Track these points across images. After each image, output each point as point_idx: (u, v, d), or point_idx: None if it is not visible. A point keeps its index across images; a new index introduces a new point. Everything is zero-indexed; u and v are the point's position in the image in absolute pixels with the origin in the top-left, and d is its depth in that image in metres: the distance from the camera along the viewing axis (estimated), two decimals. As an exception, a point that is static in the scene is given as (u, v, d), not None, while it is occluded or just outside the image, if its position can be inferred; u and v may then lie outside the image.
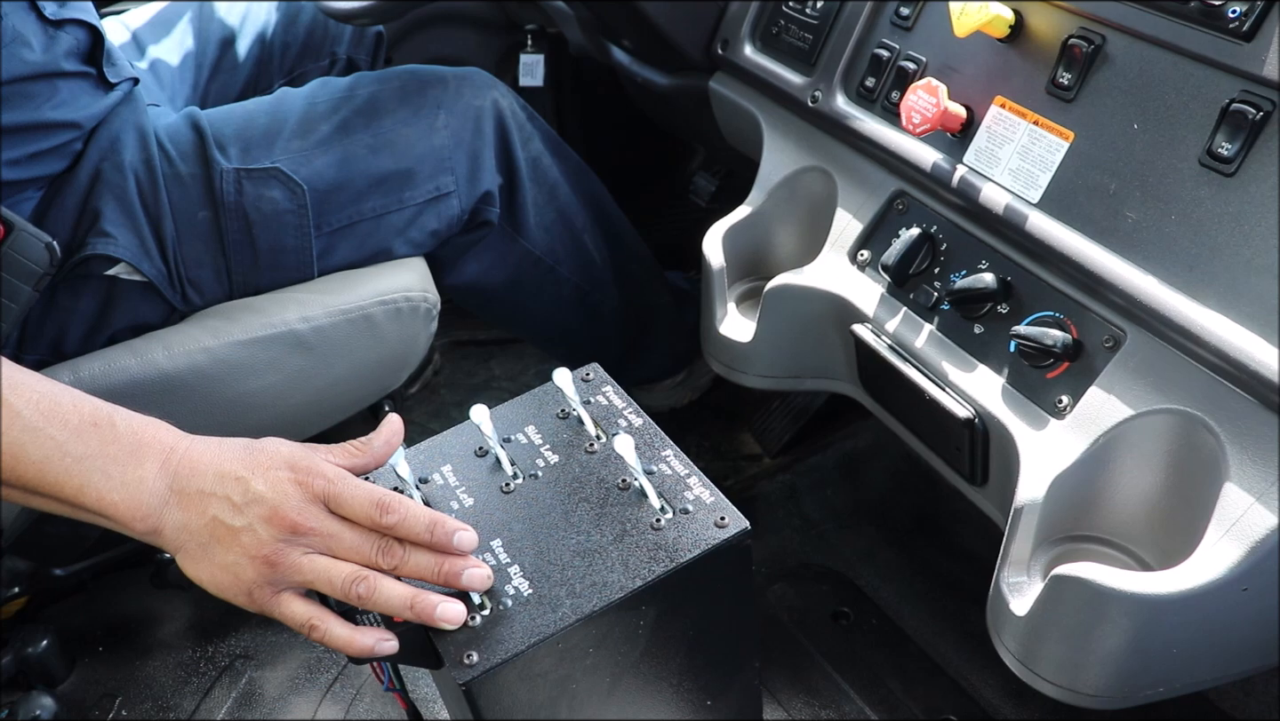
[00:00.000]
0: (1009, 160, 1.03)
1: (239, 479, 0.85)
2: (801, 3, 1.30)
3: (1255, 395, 0.83)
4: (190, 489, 0.85)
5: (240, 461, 0.86)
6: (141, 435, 0.87)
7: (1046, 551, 0.95)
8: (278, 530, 0.83)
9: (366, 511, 0.85)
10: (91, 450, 0.84)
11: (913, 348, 1.07)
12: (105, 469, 0.84)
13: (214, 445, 0.88)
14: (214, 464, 0.86)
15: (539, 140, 1.49)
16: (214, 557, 0.85)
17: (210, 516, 0.84)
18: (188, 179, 1.27)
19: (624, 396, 1.01)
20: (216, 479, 0.85)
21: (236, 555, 0.84)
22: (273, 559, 0.83)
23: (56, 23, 1.22)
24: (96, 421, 0.86)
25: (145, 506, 0.85)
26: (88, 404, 0.87)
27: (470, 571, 0.85)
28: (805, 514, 1.68)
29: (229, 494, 0.84)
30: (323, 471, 0.86)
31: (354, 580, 0.83)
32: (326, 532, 0.85)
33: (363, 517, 0.85)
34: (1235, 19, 0.87)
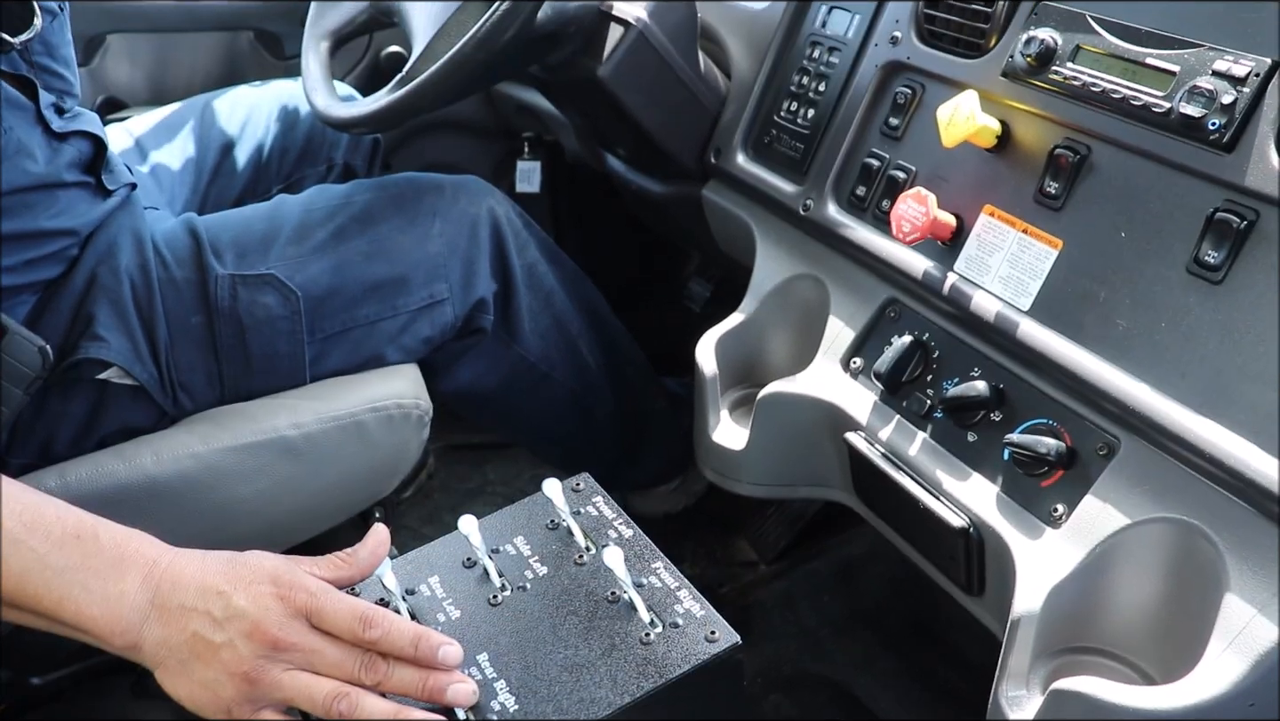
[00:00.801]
0: (999, 268, 1.04)
1: (220, 593, 0.83)
2: (793, 113, 1.33)
3: (1253, 504, 0.82)
4: (171, 604, 0.84)
5: (222, 575, 0.84)
6: (124, 548, 0.85)
7: (1046, 663, 0.93)
8: (258, 646, 0.81)
9: (349, 626, 0.83)
10: (73, 563, 0.83)
11: (906, 456, 1.07)
12: (86, 582, 0.83)
13: (197, 558, 0.87)
14: (196, 578, 0.85)
15: (535, 247, 1.50)
16: (193, 674, 0.83)
17: (191, 632, 0.83)
18: (182, 284, 1.28)
19: (614, 507, 1.00)
20: (198, 593, 0.84)
21: (216, 671, 0.82)
22: (252, 675, 0.81)
23: (62, 135, 1.24)
24: (79, 534, 0.85)
25: (124, 621, 0.83)
26: (71, 515, 0.86)
27: (455, 687, 0.83)
28: (802, 621, 1.66)
29: (210, 609, 0.83)
30: (305, 585, 0.84)
31: (336, 696, 0.81)
32: (308, 648, 0.83)
33: (345, 632, 0.83)
34: (1215, 130, 0.88)
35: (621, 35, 1.34)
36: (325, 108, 1.38)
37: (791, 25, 1.36)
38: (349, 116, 1.34)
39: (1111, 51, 0.98)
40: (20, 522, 0.83)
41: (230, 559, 0.86)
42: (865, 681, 1.53)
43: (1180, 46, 0.93)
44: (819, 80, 1.30)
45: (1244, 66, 0.88)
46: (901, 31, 1.20)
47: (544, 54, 1.37)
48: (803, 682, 1.54)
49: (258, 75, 1.87)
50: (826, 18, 1.31)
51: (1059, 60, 1.02)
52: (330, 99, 1.40)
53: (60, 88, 1.28)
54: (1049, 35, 1.03)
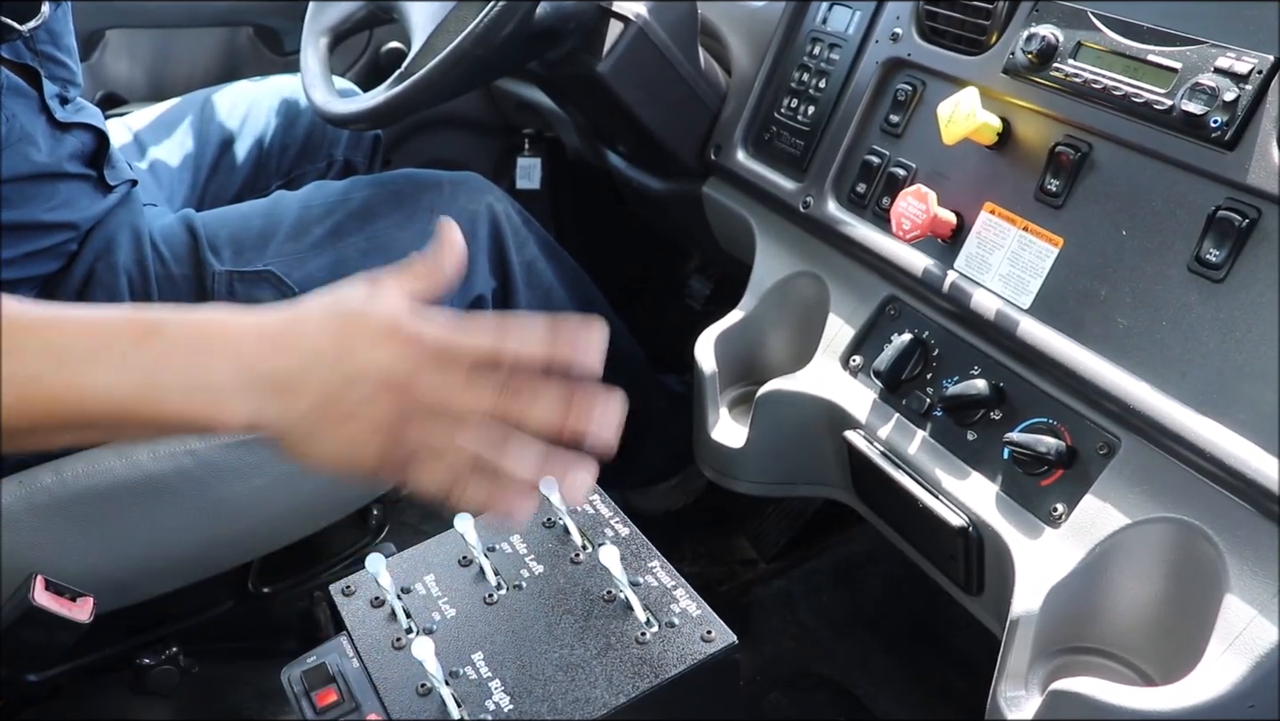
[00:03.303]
0: (999, 266, 1.03)
1: (340, 357, 0.74)
2: (793, 109, 1.32)
3: (1254, 504, 0.82)
4: (278, 379, 0.74)
5: (331, 337, 0.75)
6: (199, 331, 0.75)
7: (1045, 664, 0.93)
8: (390, 406, 0.74)
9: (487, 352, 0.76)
10: (154, 363, 0.73)
11: (906, 455, 1.06)
12: (176, 379, 0.73)
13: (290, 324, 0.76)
14: (299, 346, 0.75)
15: (534, 244, 1.50)
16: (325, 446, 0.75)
17: (310, 401, 0.74)
18: (180, 280, 1.27)
19: (611, 505, 0.99)
20: (307, 362, 0.74)
21: (354, 433, 0.74)
22: (393, 439, 0.74)
23: (65, 126, 1.24)
24: (148, 332, 0.75)
25: (228, 411, 0.74)
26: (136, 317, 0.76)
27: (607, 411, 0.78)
28: (801, 620, 1.65)
29: (327, 377, 0.74)
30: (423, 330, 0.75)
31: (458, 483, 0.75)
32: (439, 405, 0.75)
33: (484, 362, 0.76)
34: (1217, 128, 0.87)
35: (621, 31, 1.33)
36: (324, 104, 1.38)
37: (792, 22, 1.35)
38: (347, 112, 1.33)
39: (1113, 48, 0.98)
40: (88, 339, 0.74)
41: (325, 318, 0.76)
42: (864, 680, 1.53)
43: (1182, 43, 0.93)
44: (819, 77, 1.29)
45: (1246, 64, 0.88)
46: (902, 28, 1.19)
47: (543, 50, 1.36)
48: (802, 681, 1.53)
49: (257, 71, 1.86)
50: (827, 14, 1.30)
51: (1060, 57, 1.01)
52: (329, 95, 1.39)
53: (64, 77, 1.28)
54: (1050, 32, 1.02)
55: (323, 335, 0.75)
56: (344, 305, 0.77)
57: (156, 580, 1.25)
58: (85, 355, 0.72)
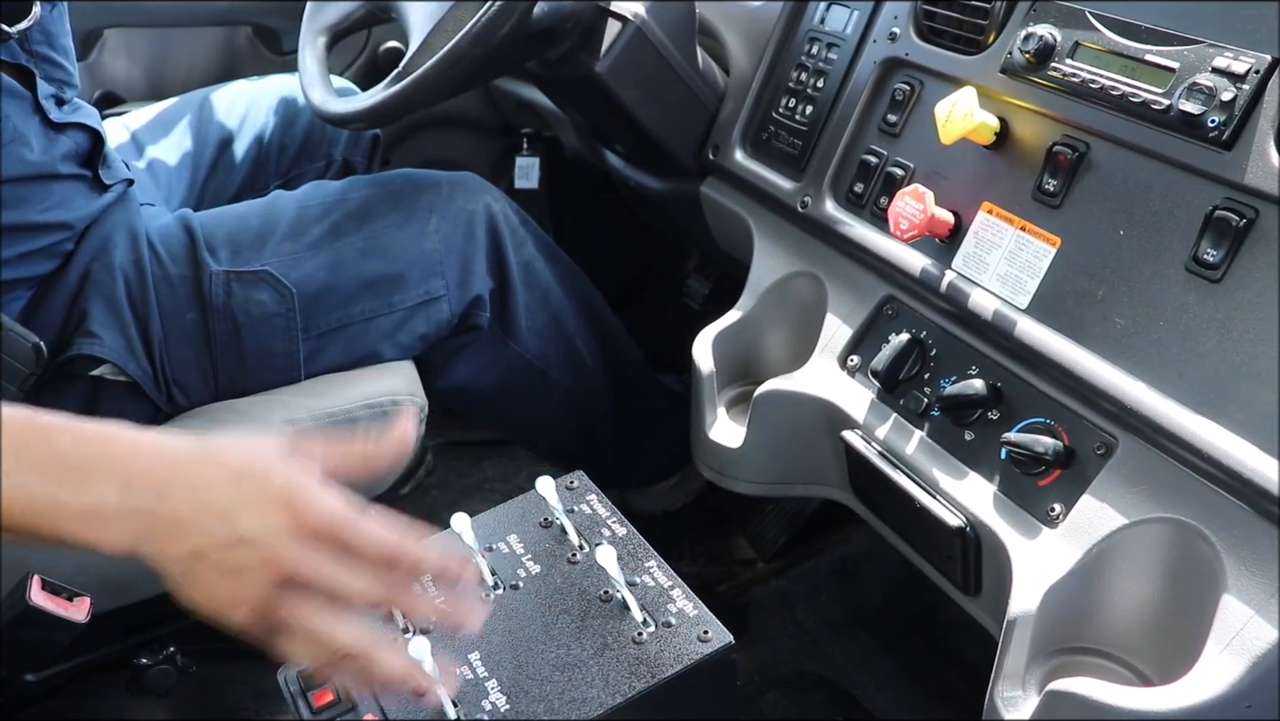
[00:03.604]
0: (997, 265, 1.03)
1: (222, 513, 0.72)
2: (791, 109, 1.32)
3: (1251, 504, 0.82)
4: (161, 514, 0.72)
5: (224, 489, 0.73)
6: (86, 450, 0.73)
7: (1042, 664, 0.93)
8: (273, 577, 0.72)
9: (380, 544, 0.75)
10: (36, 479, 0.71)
11: (903, 454, 1.06)
12: (57, 496, 0.71)
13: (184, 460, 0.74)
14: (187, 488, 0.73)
15: (532, 244, 1.50)
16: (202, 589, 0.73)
17: (189, 548, 0.72)
18: (177, 280, 1.27)
19: (608, 505, 0.99)
20: (194, 509, 0.72)
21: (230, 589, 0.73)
22: (268, 611, 0.73)
23: (59, 126, 1.23)
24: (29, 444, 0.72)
25: (109, 534, 0.72)
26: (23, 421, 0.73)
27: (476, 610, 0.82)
28: (799, 620, 1.65)
29: (210, 529, 0.72)
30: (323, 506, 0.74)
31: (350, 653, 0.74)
32: (330, 579, 0.73)
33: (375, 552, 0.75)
34: (1215, 128, 0.87)
35: (619, 31, 1.33)
36: (322, 103, 1.38)
37: (790, 21, 1.35)
38: (345, 112, 1.33)
39: (1111, 48, 0.98)
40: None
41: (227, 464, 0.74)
42: (863, 680, 1.53)
43: (1180, 43, 0.93)
44: (817, 76, 1.29)
45: (1244, 63, 0.88)
46: (900, 28, 1.19)
47: (541, 50, 1.36)
48: (800, 681, 1.53)
49: (255, 71, 1.86)
50: (825, 14, 1.30)
51: (1058, 57, 1.01)
52: (327, 94, 1.39)
53: (60, 78, 1.28)
54: (1048, 32, 1.02)
55: (218, 487, 0.73)
56: (250, 459, 0.75)
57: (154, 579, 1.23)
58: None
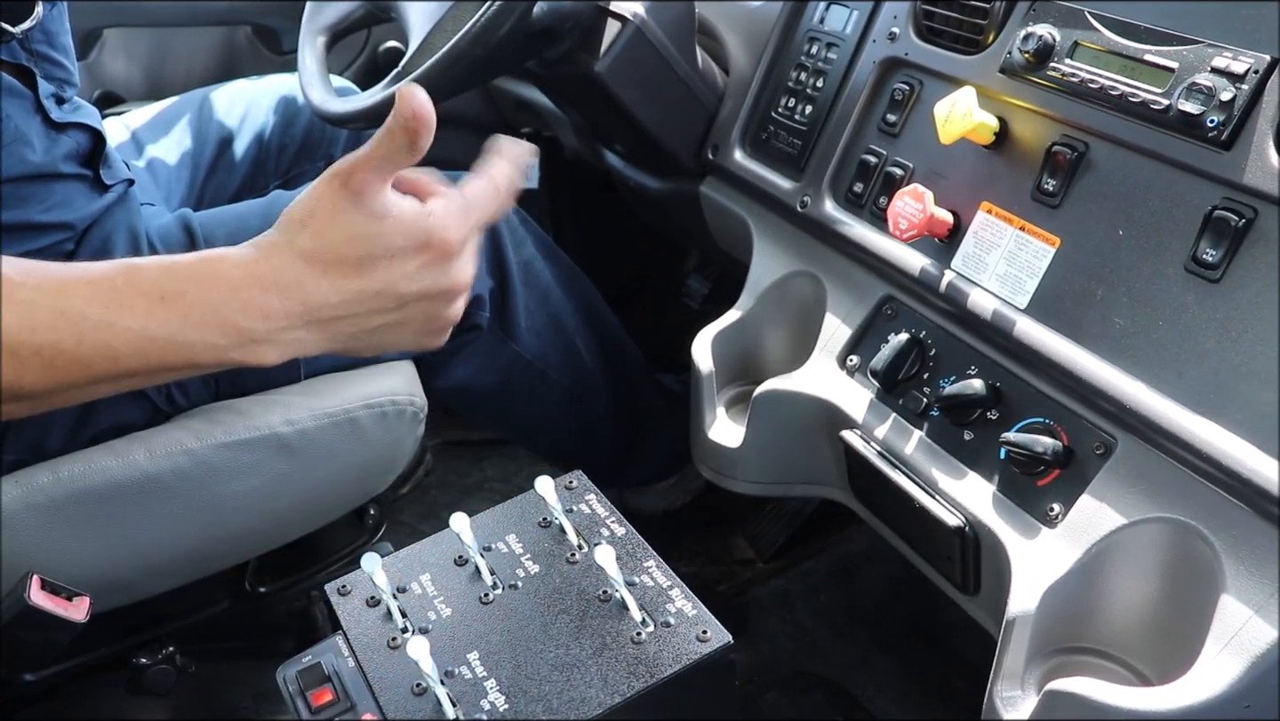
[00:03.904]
0: (996, 265, 1.03)
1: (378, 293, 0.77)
2: (790, 109, 1.32)
3: (1250, 504, 0.82)
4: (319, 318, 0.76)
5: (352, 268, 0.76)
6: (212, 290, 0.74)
7: (1041, 664, 0.93)
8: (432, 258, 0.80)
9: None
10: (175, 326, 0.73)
11: (902, 454, 1.06)
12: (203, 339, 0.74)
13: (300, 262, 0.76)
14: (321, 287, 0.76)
15: (531, 244, 1.49)
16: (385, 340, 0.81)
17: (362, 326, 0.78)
18: (176, 280, 1.27)
19: (607, 505, 0.99)
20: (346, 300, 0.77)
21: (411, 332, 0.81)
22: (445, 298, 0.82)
23: (60, 126, 1.23)
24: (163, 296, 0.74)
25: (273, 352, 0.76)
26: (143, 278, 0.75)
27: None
28: (799, 620, 1.65)
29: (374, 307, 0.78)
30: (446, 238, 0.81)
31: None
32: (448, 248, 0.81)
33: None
34: (1214, 128, 0.87)
35: (619, 31, 1.33)
36: (321, 103, 1.37)
37: (789, 21, 1.35)
38: (344, 112, 1.33)
39: (1110, 48, 0.98)
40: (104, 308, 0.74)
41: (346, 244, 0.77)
42: (862, 680, 1.53)
43: (1179, 43, 0.93)
44: (817, 76, 1.29)
45: (1243, 63, 0.88)
46: (899, 27, 1.19)
47: (541, 49, 1.36)
48: (799, 681, 1.53)
49: (255, 70, 1.86)
50: (825, 13, 1.30)
51: (1057, 57, 1.01)
52: (326, 94, 1.39)
53: (60, 77, 1.27)
54: (1047, 31, 1.02)
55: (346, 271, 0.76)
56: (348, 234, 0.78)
57: (153, 579, 1.25)
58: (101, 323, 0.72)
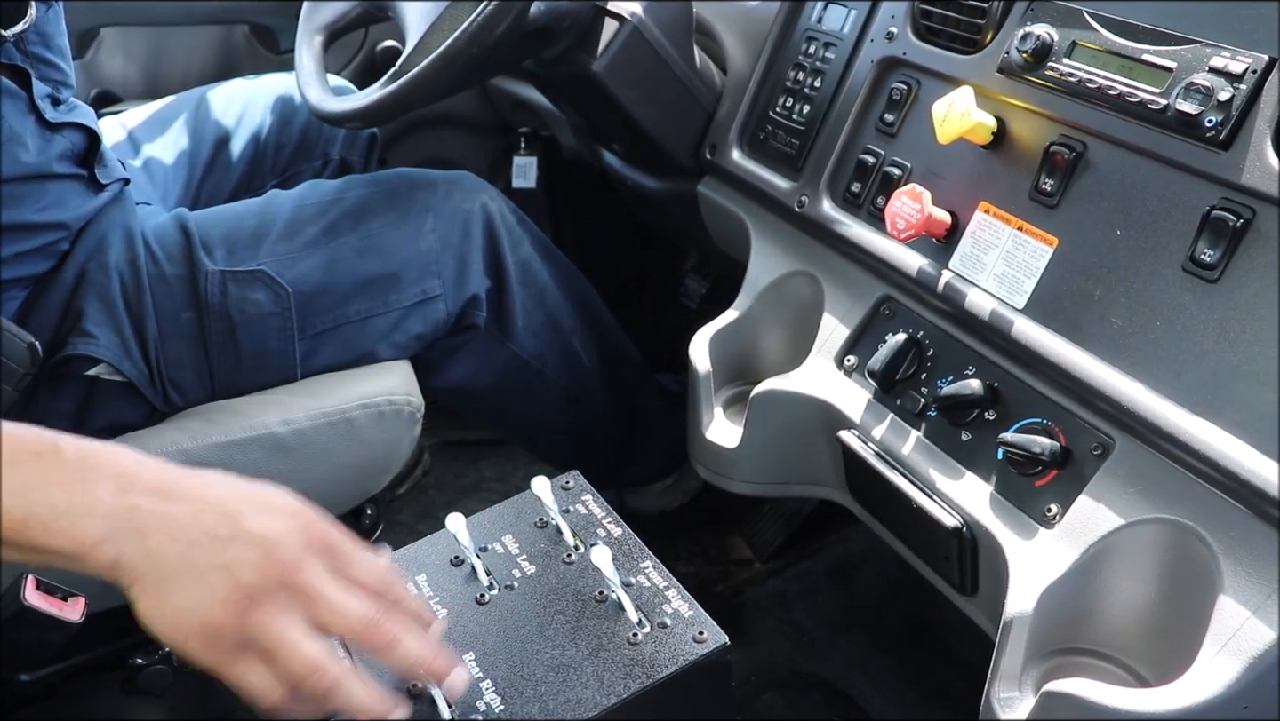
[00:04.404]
0: (994, 265, 1.03)
1: (227, 513, 0.73)
2: (788, 109, 1.32)
3: (1248, 505, 0.81)
4: (159, 513, 0.73)
5: (229, 495, 0.75)
6: (93, 460, 0.74)
7: (1038, 665, 0.93)
8: (265, 577, 0.72)
9: (377, 579, 0.77)
10: (32, 481, 0.72)
11: (900, 455, 1.06)
12: (49, 499, 0.72)
13: (189, 473, 0.76)
14: (192, 491, 0.74)
15: (528, 244, 1.49)
16: (175, 595, 0.72)
17: (182, 547, 0.72)
18: (172, 280, 1.27)
19: (603, 505, 0.99)
20: (195, 509, 0.73)
21: (204, 594, 0.72)
22: (245, 607, 0.72)
23: (55, 126, 1.23)
24: (38, 451, 0.73)
25: (97, 534, 0.72)
26: (28, 434, 0.74)
27: (457, 671, 0.79)
28: (796, 620, 1.65)
29: (211, 526, 0.73)
30: (328, 525, 0.77)
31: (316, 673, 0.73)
32: (316, 593, 0.73)
33: (369, 584, 0.76)
34: (1212, 128, 0.87)
35: (616, 30, 1.33)
36: (318, 102, 1.37)
37: (787, 20, 1.35)
38: (342, 111, 1.33)
39: (1108, 48, 0.97)
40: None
41: (234, 480, 0.77)
42: (859, 681, 1.52)
43: (1177, 43, 0.93)
44: (814, 76, 1.29)
45: (1241, 63, 0.88)
46: (897, 27, 1.19)
47: (538, 49, 1.36)
48: (797, 681, 1.53)
49: (252, 69, 1.86)
50: (822, 13, 1.30)
51: (1055, 56, 1.01)
52: (323, 93, 1.39)
53: (56, 78, 1.27)
54: (1045, 31, 1.02)
55: (224, 495, 0.75)
56: (257, 485, 0.77)
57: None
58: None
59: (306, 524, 0.75)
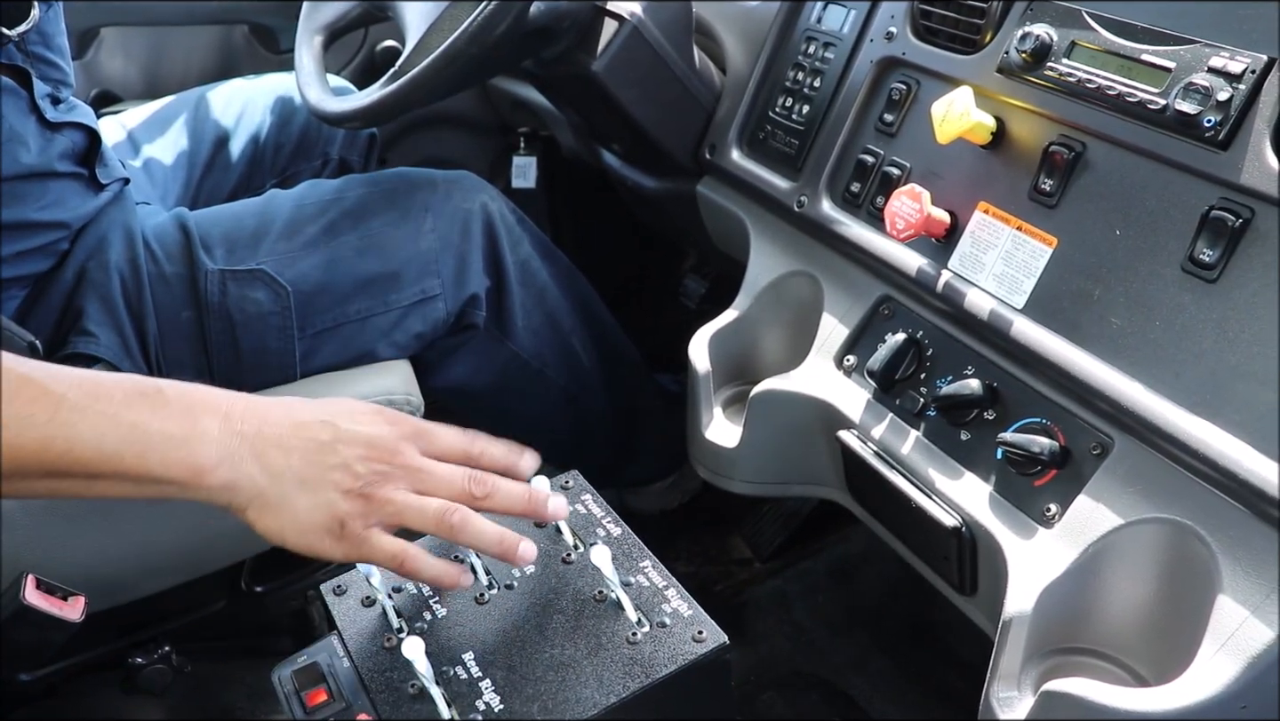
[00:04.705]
0: (993, 265, 1.03)
1: (324, 422, 0.84)
2: (787, 108, 1.32)
3: (1247, 504, 0.81)
4: (265, 436, 0.82)
5: (318, 411, 0.85)
6: (192, 396, 0.83)
7: (1037, 664, 0.93)
8: (373, 464, 0.83)
9: (460, 446, 0.88)
10: (145, 416, 0.80)
11: (899, 454, 1.06)
12: (164, 429, 0.80)
13: (275, 401, 0.86)
14: (286, 415, 0.84)
15: (528, 243, 1.49)
16: (298, 502, 0.82)
17: (295, 460, 0.82)
18: (172, 279, 1.27)
19: (603, 505, 0.99)
20: (294, 427, 0.83)
21: (326, 493, 0.82)
22: (366, 492, 0.83)
23: (55, 126, 1.23)
24: (143, 391, 0.81)
25: (214, 458, 0.81)
26: (129, 379, 0.83)
27: (555, 499, 0.91)
28: (796, 620, 1.65)
29: (314, 435, 0.83)
30: (408, 416, 0.88)
31: (446, 511, 0.84)
32: (420, 466, 0.85)
33: (455, 453, 0.88)
34: (1211, 128, 0.87)
35: (615, 30, 1.33)
36: (318, 102, 1.37)
37: (787, 20, 1.35)
38: (341, 111, 1.33)
39: (1107, 48, 0.97)
40: (82, 392, 0.79)
41: (315, 402, 0.87)
42: (859, 681, 1.52)
43: (1176, 43, 0.93)
44: (814, 76, 1.29)
45: (1240, 63, 0.88)
46: (897, 27, 1.19)
47: (538, 49, 1.36)
48: (796, 681, 1.53)
49: (252, 69, 1.86)
50: (822, 13, 1.30)
51: (1054, 56, 1.01)
52: (323, 93, 1.39)
53: (56, 78, 1.28)
54: (1044, 31, 1.02)
55: (312, 413, 0.85)
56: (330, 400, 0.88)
57: (148, 579, 1.25)
58: (77, 405, 0.78)
59: (393, 418, 0.87)
